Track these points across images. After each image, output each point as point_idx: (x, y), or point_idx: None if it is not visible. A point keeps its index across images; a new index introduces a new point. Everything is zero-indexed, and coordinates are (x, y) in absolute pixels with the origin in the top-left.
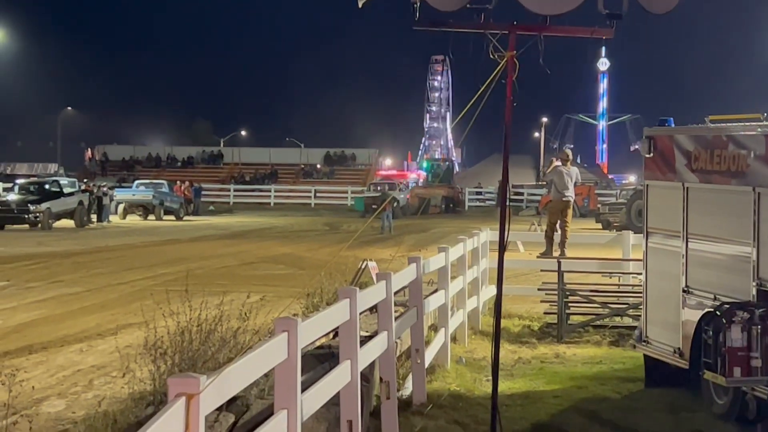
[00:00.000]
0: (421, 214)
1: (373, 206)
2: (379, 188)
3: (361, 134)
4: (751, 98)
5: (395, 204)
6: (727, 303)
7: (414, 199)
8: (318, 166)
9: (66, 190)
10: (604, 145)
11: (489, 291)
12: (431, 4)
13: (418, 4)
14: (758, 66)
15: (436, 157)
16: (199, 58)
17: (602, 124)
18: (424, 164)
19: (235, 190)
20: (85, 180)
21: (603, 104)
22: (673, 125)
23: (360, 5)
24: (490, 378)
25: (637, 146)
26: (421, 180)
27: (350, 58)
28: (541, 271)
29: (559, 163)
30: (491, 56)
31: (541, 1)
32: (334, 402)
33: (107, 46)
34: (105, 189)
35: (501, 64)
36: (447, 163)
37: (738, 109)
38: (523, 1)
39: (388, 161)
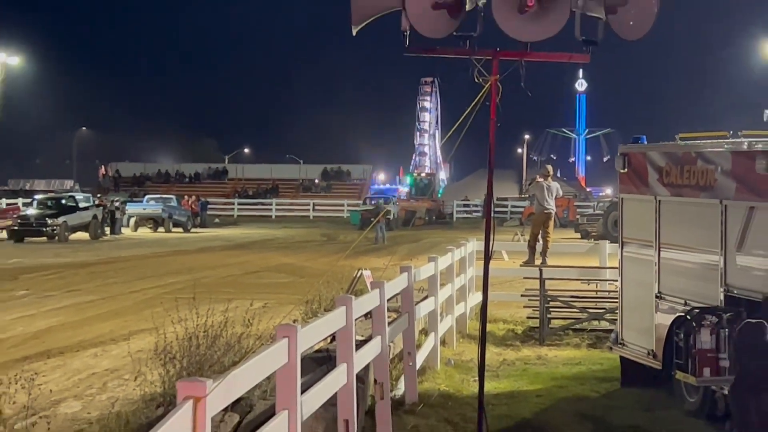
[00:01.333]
0: (406, 226)
1: (371, 219)
2: (373, 202)
3: (357, 151)
4: (720, 116)
5: (390, 217)
6: (697, 308)
7: (401, 212)
8: (316, 180)
9: (81, 204)
10: (584, 157)
11: (476, 297)
12: (420, 32)
13: (408, 32)
14: (728, 84)
15: (426, 171)
16: (205, 81)
17: (580, 138)
18: (408, 179)
19: (238, 204)
20: (98, 195)
21: (581, 121)
22: (645, 142)
23: (354, 33)
24: (477, 378)
25: (608, 157)
26: (403, 194)
27: (346, 80)
28: (524, 278)
29: (541, 178)
30: (476, 80)
31: (522, 29)
32: (332, 402)
33: (119, 70)
34: (118, 203)
35: (485, 88)
36: (429, 177)
37: (707, 127)
38: (505, 29)
39: (381, 176)
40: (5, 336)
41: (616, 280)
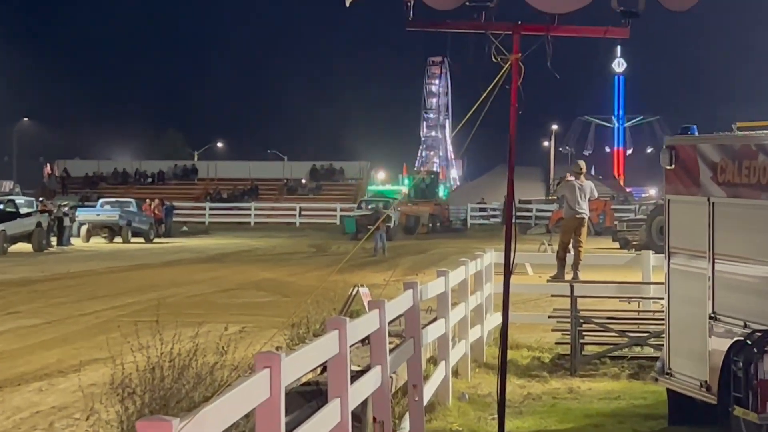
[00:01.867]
0: (410, 234)
1: (368, 226)
2: (371, 206)
3: (351, 145)
4: None
5: (390, 223)
6: (759, 330)
7: (402, 218)
8: (303, 181)
9: (22, 210)
10: (624, 151)
11: (494, 319)
12: (427, 3)
13: (412, 3)
14: None
15: (427, 169)
16: (170, 63)
17: (618, 128)
18: (405, 178)
19: (210, 209)
20: (41, 199)
21: (619, 107)
22: (696, 133)
23: (348, 4)
24: (496, 416)
25: (651, 150)
26: (402, 196)
27: (339, 61)
28: (552, 296)
29: (572, 176)
30: (493, 59)
31: None
32: None
33: (68, 51)
34: (66, 209)
35: (504, 68)
36: (431, 176)
37: None
38: None
39: (381, 175)
40: None
41: (662, 298)
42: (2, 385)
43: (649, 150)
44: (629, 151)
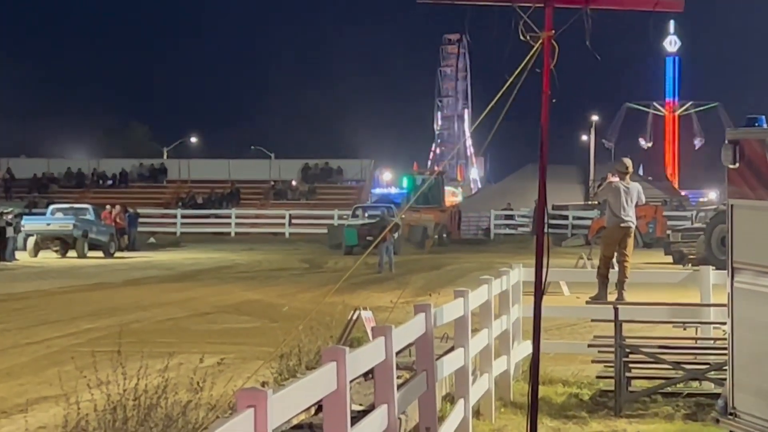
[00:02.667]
0: (420, 248)
1: (368, 237)
2: (369, 213)
3: (352, 140)
4: None
5: (396, 233)
6: None
7: (405, 229)
8: (293, 182)
9: None
10: (677, 144)
11: (523, 348)
12: None
13: None
14: None
15: (429, 169)
16: (133, 43)
17: (673, 115)
18: (405, 180)
19: (183, 217)
20: None
21: (674, 93)
22: (765, 125)
23: None
24: None
25: (702, 142)
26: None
27: (335, 40)
28: (593, 320)
29: (615, 177)
30: (522, 37)
31: None
32: None
33: (12, 30)
34: (10, 217)
35: (535, 48)
36: (434, 177)
37: None
38: None
39: (386, 175)
40: None
41: (725, 323)
42: None
43: (696, 144)
44: (698, 143)
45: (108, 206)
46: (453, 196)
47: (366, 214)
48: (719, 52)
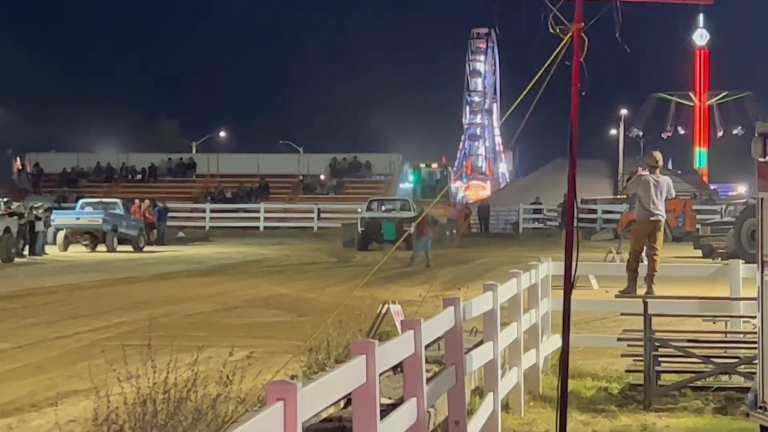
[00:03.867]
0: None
1: (405, 228)
2: (384, 207)
3: (379, 135)
4: None
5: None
6: None
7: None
8: (322, 177)
9: None
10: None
11: (552, 342)
12: None
13: None
14: None
15: (438, 162)
16: (163, 40)
17: (702, 106)
18: (411, 174)
19: (211, 211)
20: (6, 200)
21: (700, 83)
22: None
23: None
24: None
25: (739, 129)
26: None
27: (364, 34)
28: (622, 314)
29: (645, 171)
30: (551, 30)
31: None
32: None
33: (44, 27)
34: (39, 212)
35: (564, 41)
36: (442, 170)
37: None
38: None
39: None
40: None
41: (754, 317)
42: None
43: (719, 133)
44: (719, 134)
45: (137, 201)
46: (481, 190)
47: (382, 208)
48: (748, 43)
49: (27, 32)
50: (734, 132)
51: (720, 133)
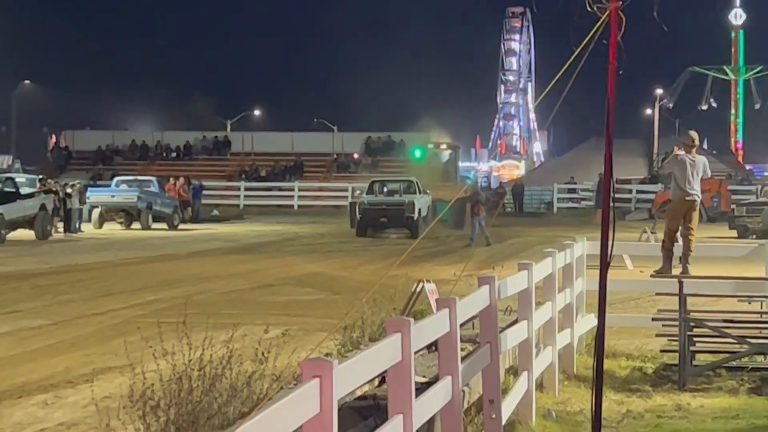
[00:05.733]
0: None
1: (463, 210)
2: (386, 188)
3: (414, 114)
4: None
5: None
6: None
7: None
8: (356, 155)
9: (24, 190)
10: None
11: (586, 322)
12: None
13: None
14: None
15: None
16: (197, 17)
17: (734, 79)
18: (417, 152)
19: (246, 189)
20: (41, 177)
21: (738, 60)
22: None
23: None
24: None
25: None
26: (483, 174)
27: (399, 14)
28: (657, 294)
29: (681, 150)
30: (588, 8)
31: None
32: None
33: (76, 5)
34: (75, 188)
35: (601, 19)
36: (450, 151)
37: None
38: None
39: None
40: None
41: None
42: (0, 398)
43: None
44: (756, 106)
45: (172, 178)
46: (515, 169)
47: (385, 189)
48: None
49: (63, 11)
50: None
51: (757, 105)
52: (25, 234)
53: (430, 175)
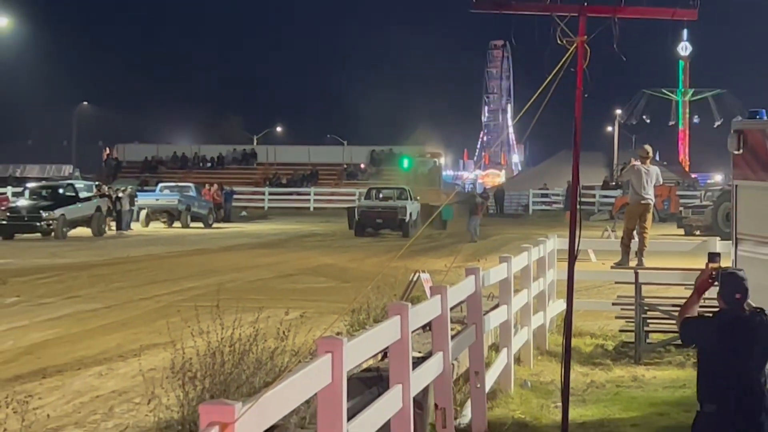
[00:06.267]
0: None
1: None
2: (381, 194)
3: (411, 130)
4: None
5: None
6: None
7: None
8: (362, 165)
9: (82, 194)
10: (687, 130)
11: (557, 306)
12: None
13: None
14: None
15: (432, 150)
16: (229, 47)
17: (682, 100)
18: (405, 161)
19: (270, 194)
20: (96, 183)
21: (683, 86)
22: (765, 118)
23: None
24: (559, 404)
25: (720, 121)
26: (469, 182)
27: (398, 45)
28: (616, 283)
29: (637, 161)
30: (559, 42)
31: None
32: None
33: (127, 35)
34: (125, 193)
35: (570, 51)
36: (434, 161)
37: None
38: None
39: (441, 160)
40: None
41: None
42: (63, 370)
43: (715, 124)
44: (716, 123)
45: (207, 185)
46: (497, 177)
47: (380, 195)
48: (729, 52)
49: (117, 42)
50: (716, 125)
51: (717, 123)
52: (83, 231)
53: (415, 182)
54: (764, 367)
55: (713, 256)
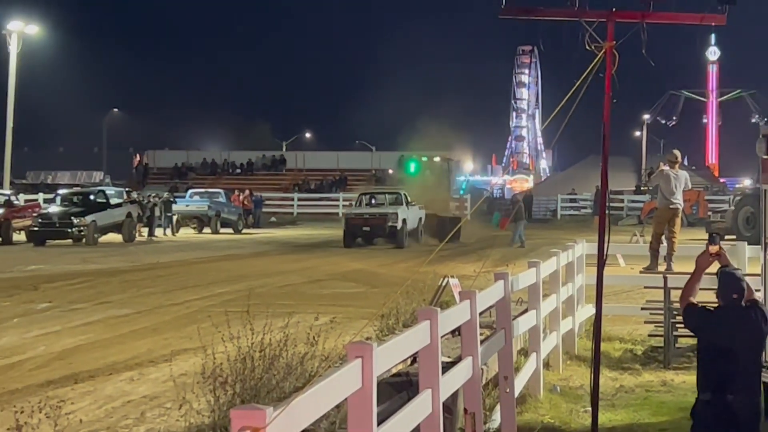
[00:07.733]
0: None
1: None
2: (374, 200)
3: (440, 136)
4: None
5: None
6: None
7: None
8: (390, 171)
9: (113, 200)
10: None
11: (586, 311)
12: None
13: None
14: None
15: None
16: (258, 54)
17: (712, 101)
18: (412, 165)
19: (299, 200)
20: (127, 189)
21: (712, 91)
22: None
23: None
24: (589, 409)
25: (759, 120)
26: (497, 187)
27: (428, 52)
28: (645, 287)
29: (666, 166)
30: (587, 47)
31: None
32: None
33: (157, 42)
34: (159, 199)
35: (598, 56)
36: (444, 163)
37: None
38: None
39: (469, 165)
40: (25, 357)
41: (758, 290)
42: (94, 375)
43: (754, 119)
44: (754, 119)
45: (236, 191)
46: (525, 182)
47: (372, 200)
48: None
49: (145, 49)
50: (754, 119)
51: (754, 119)
52: (114, 237)
53: (422, 187)
54: (759, 358)
55: (713, 238)
